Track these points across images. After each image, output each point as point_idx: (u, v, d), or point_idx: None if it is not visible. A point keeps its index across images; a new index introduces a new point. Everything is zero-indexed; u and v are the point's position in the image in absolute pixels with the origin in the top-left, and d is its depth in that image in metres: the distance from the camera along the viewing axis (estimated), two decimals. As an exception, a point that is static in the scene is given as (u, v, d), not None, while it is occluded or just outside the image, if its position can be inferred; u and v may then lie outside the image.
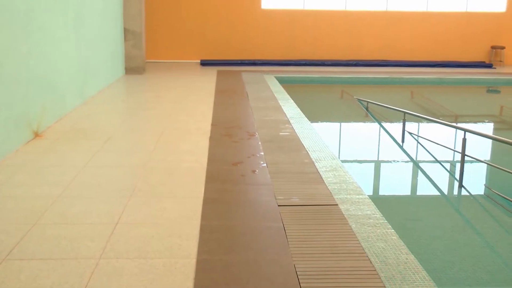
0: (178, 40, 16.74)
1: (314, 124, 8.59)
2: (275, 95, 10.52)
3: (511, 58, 18.01)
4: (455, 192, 6.30)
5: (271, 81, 12.67)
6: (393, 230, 4.23)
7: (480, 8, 17.79)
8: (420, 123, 9.80)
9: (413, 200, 6.19)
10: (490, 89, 15.43)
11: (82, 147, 6.43)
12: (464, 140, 6.20)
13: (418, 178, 6.99)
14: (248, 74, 13.82)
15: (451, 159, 7.57)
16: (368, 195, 5.12)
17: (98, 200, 4.68)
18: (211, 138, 6.94)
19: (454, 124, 9.37)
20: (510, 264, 4.47)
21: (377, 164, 7.59)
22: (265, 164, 5.83)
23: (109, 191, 4.93)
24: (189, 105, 9.44)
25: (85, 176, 5.35)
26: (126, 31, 13.29)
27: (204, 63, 16.21)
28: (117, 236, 3.94)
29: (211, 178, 5.34)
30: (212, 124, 7.76)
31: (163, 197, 4.80)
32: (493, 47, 17.78)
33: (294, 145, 6.73)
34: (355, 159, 7.71)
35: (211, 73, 14.09)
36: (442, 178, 6.97)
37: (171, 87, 11.64)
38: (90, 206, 4.53)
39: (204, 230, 4.11)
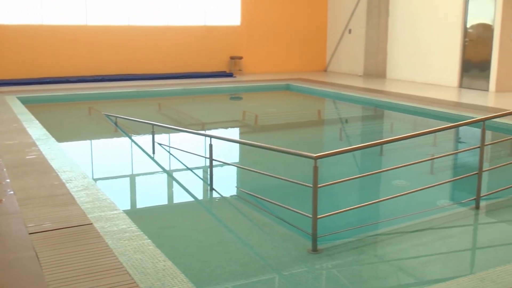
0: None
1: (63, 144, 8.34)
2: (18, 117, 9.95)
3: (248, 67, 19.43)
4: (208, 195, 6.61)
5: (12, 102, 11.95)
6: (149, 241, 4.31)
7: (218, 22, 18.89)
8: (170, 134, 10.07)
9: (168, 208, 6.34)
10: (233, 96, 16.47)
11: None
12: (211, 145, 6.53)
13: (172, 187, 7.18)
14: (-15, 97, 12.84)
15: (203, 165, 7.90)
16: (123, 210, 5.14)
17: None
18: None
19: (200, 131, 9.83)
20: (261, 253, 4.84)
21: (131, 177, 7.62)
22: (12, 192, 5.50)
23: None
24: None
25: None
26: None
27: None
28: None
29: (-51, 213, 4.88)
30: None
31: None
32: (232, 58, 18.99)
33: (43, 167, 6.46)
34: (108, 175, 7.64)
35: None
36: (194, 184, 7.26)
37: None
38: None
39: None
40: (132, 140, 9.78)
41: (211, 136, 6.79)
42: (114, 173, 7.74)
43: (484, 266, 4.38)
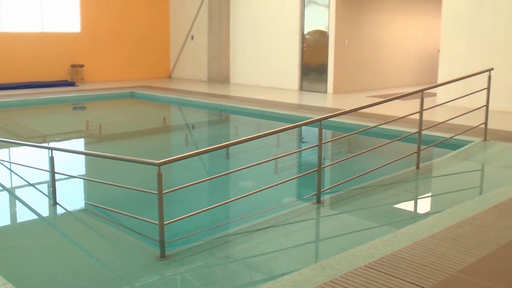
0: None
1: None
2: None
3: (90, 75, 18.91)
4: (51, 211, 6.33)
5: None
6: (-14, 264, 4.06)
7: (57, 28, 18.16)
8: (9, 148, 9.53)
9: (8, 228, 5.98)
10: (76, 106, 15.93)
11: None
12: (52, 158, 6.27)
13: (13, 205, 6.79)
14: None
15: (46, 180, 7.55)
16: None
17: None
18: None
19: (41, 144, 9.41)
20: (109, 265, 4.73)
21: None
22: None
23: None
24: None
25: None
26: None
27: None
28: None
29: None
30: None
31: None
32: (73, 66, 18.37)
33: None
34: None
35: None
36: (36, 200, 6.91)
37: None
38: None
39: None
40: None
41: (51, 148, 6.51)
42: None
43: (325, 255, 4.63)
